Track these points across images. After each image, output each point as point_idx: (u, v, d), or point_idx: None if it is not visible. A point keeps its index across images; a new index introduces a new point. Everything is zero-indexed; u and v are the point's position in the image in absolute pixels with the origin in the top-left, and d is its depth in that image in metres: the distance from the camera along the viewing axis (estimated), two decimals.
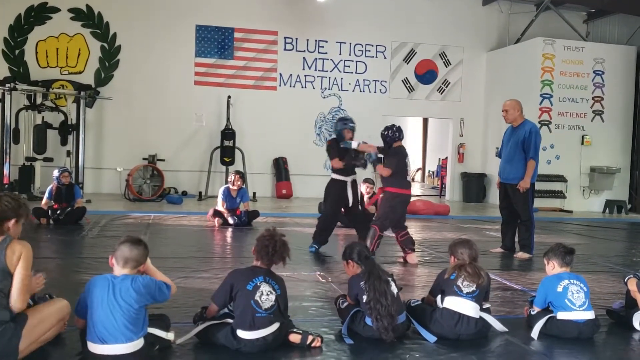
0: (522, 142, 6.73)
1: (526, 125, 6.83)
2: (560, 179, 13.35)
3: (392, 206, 6.17)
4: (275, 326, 3.30)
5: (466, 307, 3.64)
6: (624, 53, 13.72)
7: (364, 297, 3.56)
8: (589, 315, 3.79)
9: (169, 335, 3.26)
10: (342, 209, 6.93)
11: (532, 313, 3.95)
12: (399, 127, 6.30)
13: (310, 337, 3.39)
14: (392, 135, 6.19)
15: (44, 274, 3.35)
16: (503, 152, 7.09)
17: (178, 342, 3.34)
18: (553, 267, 3.98)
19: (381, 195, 6.41)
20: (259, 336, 3.26)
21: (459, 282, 3.69)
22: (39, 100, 11.69)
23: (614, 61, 13.57)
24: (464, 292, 3.67)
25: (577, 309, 3.76)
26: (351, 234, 8.04)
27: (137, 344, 3.05)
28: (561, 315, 3.77)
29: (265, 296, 3.32)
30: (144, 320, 3.12)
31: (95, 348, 3.02)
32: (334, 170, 6.76)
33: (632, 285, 4.06)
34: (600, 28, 15.04)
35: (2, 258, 2.93)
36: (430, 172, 22.98)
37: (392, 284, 3.67)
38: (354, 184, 6.88)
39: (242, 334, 3.26)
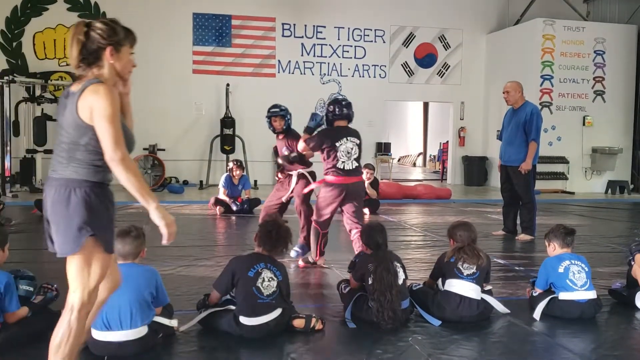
0: (523, 124, 6.70)
1: (527, 107, 6.80)
2: (562, 160, 13.31)
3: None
4: (277, 312, 3.32)
5: (467, 289, 3.65)
6: (624, 32, 13.61)
7: (370, 279, 3.57)
8: (591, 295, 3.80)
9: (173, 323, 3.28)
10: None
11: (534, 294, 3.96)
12: (337, 101, 5.18)
13: (313, 321, 3.41)
14: (332, 111, 5.10)
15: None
16: (504, 135, 7.06)
17: (182, 329, 3.36)
18: (554, 249, 3.99)
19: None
20: (261, 322, 3.27)
21: (459, 265, 3.69)
22: (38, 92, 11.66)
23: (615, 41, 13.47)
24: (465, 274, 3.68)
25: (578, 289, 3.77)
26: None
27: (141, 330, 3.07)
28: (563, 295, 3.78)
29: (267, 282, 3.33)
30: (150, 307, 3.13)
31: (99, 335, 3.03)
32: None
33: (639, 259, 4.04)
34: (600, 7, 14.90)
35: (74, 112, 2.33)
36: (432, 157, 22.96)
37: (401, 271, 3.67)
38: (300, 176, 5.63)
39: (244, 320, 3.28)
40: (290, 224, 3.75)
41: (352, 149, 5.03)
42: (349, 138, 5.05)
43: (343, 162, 5.00)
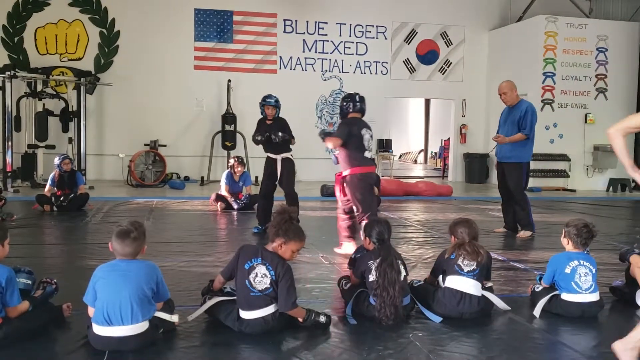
0: (518, 121, 6.74)
1: (522, 104, 6.84)
2: (564, 157, 13.30)
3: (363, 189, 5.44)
4: (272, 307, 3.32)
5: (468, 285, 3.65)
6: (627, 30, 13.58)
7: (370, 277, 3.57)
8: (594, 297, 3.77)
9: (173, 318, 3.28)
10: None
11: (537, 290, 3.94)
12: (354, 96, 5.62)
13: (320, 317, 3.42)
14: (346, 105, 5.56)
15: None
16: (500, 133, 7.07)
17: (190, 318, 3.40)
18: (567, 243, 3.92)
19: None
20: (257, 316, 3.27)
21: (460, 261, 3.69)
22: (39, 88, 11.66)
23: (618, 38, 13.44)
24: (465, 270, 3.67)
25: (583, 292, 3.73)
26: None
27: (142, 326, 3.06)
28: (565, 296, 3.76)
29: (260, 278, 3.32)
30: (150, 302, 3.13)
31: (100, 330, 3.03)
32: (265, 150, 6.80)
33: (636, 260, 4.03)
34: (603, 4, 14.87)
35: None
36: (433, 154, 22.96)
37: (402, 267, 3.67)
38: (286, 161, 6.71)
39: (242, 314, 3.30)
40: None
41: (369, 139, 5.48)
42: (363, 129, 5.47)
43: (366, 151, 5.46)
